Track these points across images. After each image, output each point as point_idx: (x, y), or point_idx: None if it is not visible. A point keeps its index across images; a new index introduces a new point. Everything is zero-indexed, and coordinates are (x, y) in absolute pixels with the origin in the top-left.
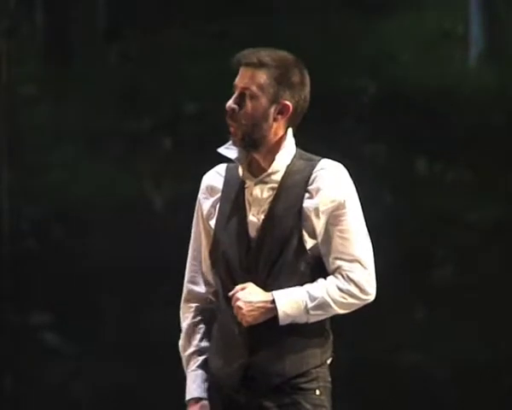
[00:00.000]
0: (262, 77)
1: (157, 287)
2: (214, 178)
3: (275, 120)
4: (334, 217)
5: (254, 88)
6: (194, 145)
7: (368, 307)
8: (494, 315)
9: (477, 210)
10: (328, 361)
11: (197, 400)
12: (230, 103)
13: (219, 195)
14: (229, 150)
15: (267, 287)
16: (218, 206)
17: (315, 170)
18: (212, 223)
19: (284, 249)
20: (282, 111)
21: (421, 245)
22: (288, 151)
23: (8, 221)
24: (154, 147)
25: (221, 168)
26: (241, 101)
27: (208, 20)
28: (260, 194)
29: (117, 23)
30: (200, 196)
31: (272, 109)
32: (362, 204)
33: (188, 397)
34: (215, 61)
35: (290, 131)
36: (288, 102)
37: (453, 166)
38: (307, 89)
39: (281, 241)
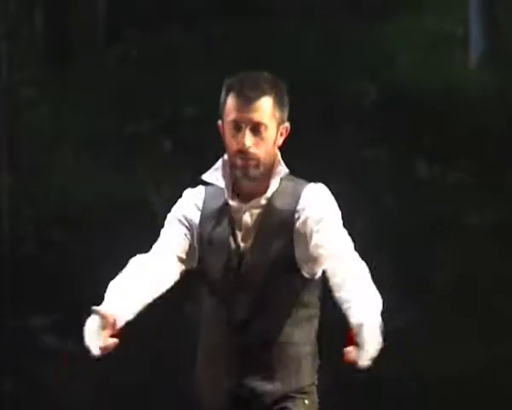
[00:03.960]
0: (268, 106)
1: None
2: (197, 198)
3: (276, 143)
4: (321, 235)
5: (266, 119)
6: (194, 147)
7: None
8: (494, 316)
9: (477, 212)
10: (316, 382)
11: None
12: (248, 143)
13: (201, 217)
14: (214, 177)
15: (259, 306)
16: (200, 228)
17: (303, 192)
18: (195, 240)
19: (276, 270)
20: (282, 133)
21: (422, 246)
22: (280, 174)
23: (7, 223)
24: (154, 149)
25: (201, 190)
26: (255, 135)
27: (208, 21)
28: (250, 217)
29: (117, 25)
30: (186, 207)
31: (278, 134)
32: (362, 206)
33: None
34: (215, 63)
35: (278, 152)
36: (287, 124)
37: (453, 168)
38: None
39: (273, 262)
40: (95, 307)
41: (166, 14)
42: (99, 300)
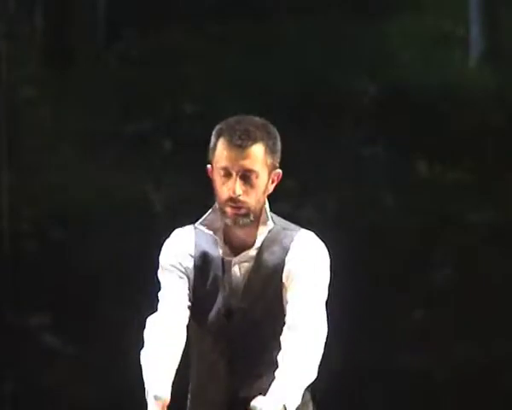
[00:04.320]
0: (260, 153)
1: (157, 289)
2: (189, 243)
3: (266, 191)
4: (293, 293)
5: (258, 167)
6: (194, 146)
7: (367, 307)
8: (494, 316)
9: (477, 211)
10: None
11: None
12: (238, 191)
13: (194, 265)
14: (205, 227)
15: (250, 359)
16: (194, 275)
17: (293, 243)
18: (190, 287)
19: (267, 323)
20: (273, 180)
21: (422, 246)
22: (268, 227)
23: (7, 222)
24: (154, 149)
25: (191, 234)
26: (245, 183)
27: (208, 20)
28: (239, 271)
29: (117, 24)
30: (180, 255)
31: (270, 181)
32: (362, 206)
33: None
34: (215, 62)
35: (267, 201)
36: (279, 170)
37: (453, 168)
38: None
39: (262, 315)
40: (158, 394)
41: (166, 14)
42: (98, 299)
